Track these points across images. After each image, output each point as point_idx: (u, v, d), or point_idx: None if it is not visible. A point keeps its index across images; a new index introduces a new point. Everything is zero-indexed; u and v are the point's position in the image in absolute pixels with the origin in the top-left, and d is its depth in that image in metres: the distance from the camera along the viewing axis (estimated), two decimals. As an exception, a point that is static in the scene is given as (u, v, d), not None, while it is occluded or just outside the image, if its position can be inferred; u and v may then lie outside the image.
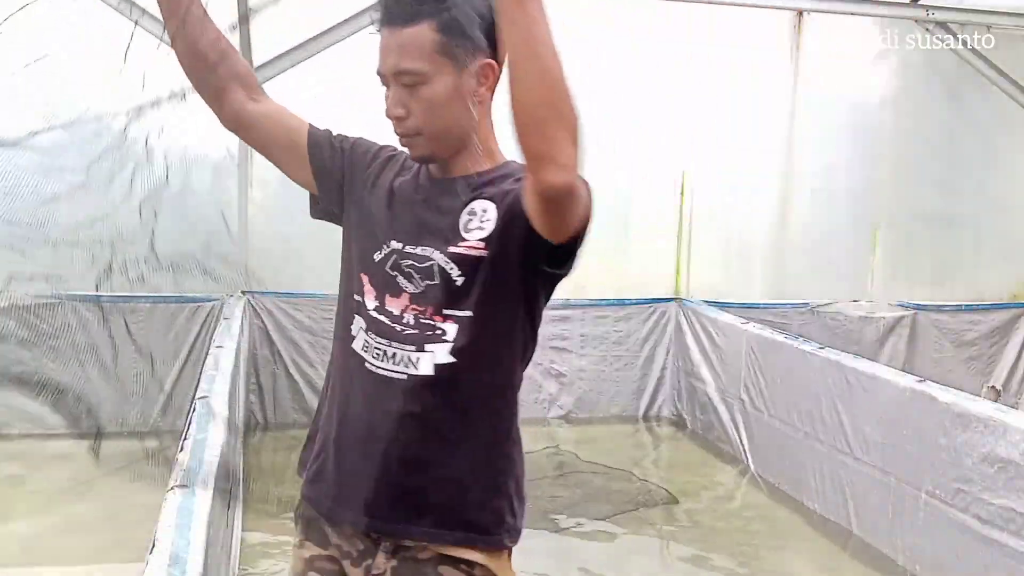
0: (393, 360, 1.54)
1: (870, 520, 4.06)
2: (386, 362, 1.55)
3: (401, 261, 1.56)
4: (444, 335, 1.52)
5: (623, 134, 6.06)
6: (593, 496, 4.80)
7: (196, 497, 1.97)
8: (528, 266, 1.50)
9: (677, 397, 6.12)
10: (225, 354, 3.58)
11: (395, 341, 1.54)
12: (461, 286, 1.51)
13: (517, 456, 1.63)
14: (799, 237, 6.45)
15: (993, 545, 3.34)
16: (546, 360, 6.00)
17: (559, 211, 1.37)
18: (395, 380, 1.54)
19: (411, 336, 1.53)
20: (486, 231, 1.51)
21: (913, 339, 6.50)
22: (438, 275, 1.52)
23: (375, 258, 1.59)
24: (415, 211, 1.59)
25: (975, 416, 3.46)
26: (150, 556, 1.66)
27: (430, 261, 1.53)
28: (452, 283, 1.52)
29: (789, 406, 4.74)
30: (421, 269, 1.54)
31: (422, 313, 1.54)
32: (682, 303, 6.12)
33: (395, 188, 1.62)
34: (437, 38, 1.48)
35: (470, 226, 1.53)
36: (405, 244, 1.56)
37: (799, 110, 6.34)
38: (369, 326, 1.57)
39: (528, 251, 1.48)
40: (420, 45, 1.48)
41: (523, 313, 1.58)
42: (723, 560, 4.10)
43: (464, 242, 1.52)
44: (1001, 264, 6.79)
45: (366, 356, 1.57)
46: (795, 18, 6.26)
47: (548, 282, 1.58)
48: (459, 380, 1.53)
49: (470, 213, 1.53)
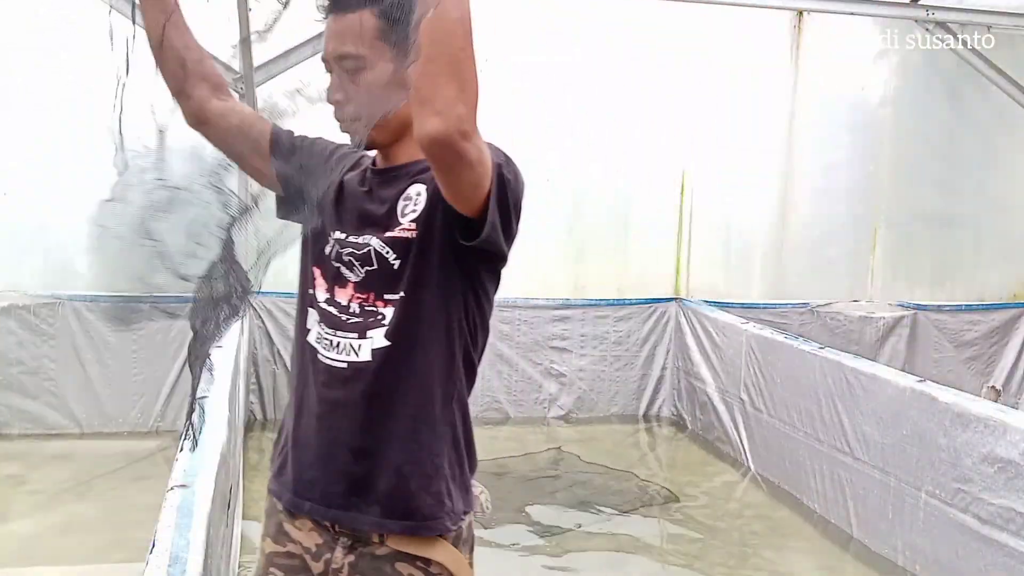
0: (338, 349, 1.57)
1: (870, 520, 4.07)
2: (332, 351, 1.58)
3: (342, 251, 1.59)
4: (383, 319, 1.54)
5: (623, 134, 6.07)
6: (594, 496, 4.80)
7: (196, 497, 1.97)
8: (451, 243, 1.50)
9: (677, 397, 6.12)
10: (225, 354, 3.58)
11: (340, 330, 1.57)
12: (398, 269, 1.53)
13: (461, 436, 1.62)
14: (799, 237, 6.45)
15: (993, 545, 3.34)
16: (546, 360, 6.00)
17: (445, 169, 1.35)
18: (339, 369, 1.56)
19: (355, 324, 1.56)
20: (417, 212, 1.53)
21: (913, 339, 6.50)
22: (376, 260, 1.55)
23: (324, 251, 1.62)
24: (359, 203, 1.62)
25: (975, 416, 3.46)
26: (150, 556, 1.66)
27: (368, 247, 1.56)
28: (390, 267, 1.53)
29: (789, 406, 4.74)
30: (360, 256, 1.56)
31: (366, 300, 1.56)
32: (682, 303, 6.12)
33: (343, 183, 1.66)
34: (377, 24, 1.50)
35: (406, 211, 1.55)
36: (348, 234, 1.59)
37: (799, 110, 6.34)
38: (321, 318, 1.61)
39: (448, 226, 1.49)
40: (360, 31, 1.50)
41: (459, 294, 1.56)
42: (723, 560, 4.10)
43: (399, 226, 1.54)
44: (1001, 264, 6.79)
45: (318, 348, 1.60)
46: (795, 18, 6.26)
47: (486, 266, 1.57)
48: (395, 364, 1.54)
49: (406, 198, 1.55)
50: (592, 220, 6.11)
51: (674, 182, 6.22)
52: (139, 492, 4.31)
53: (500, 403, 5.95)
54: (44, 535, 4.02)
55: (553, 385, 6.03)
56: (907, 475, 3.82)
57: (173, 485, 2.03)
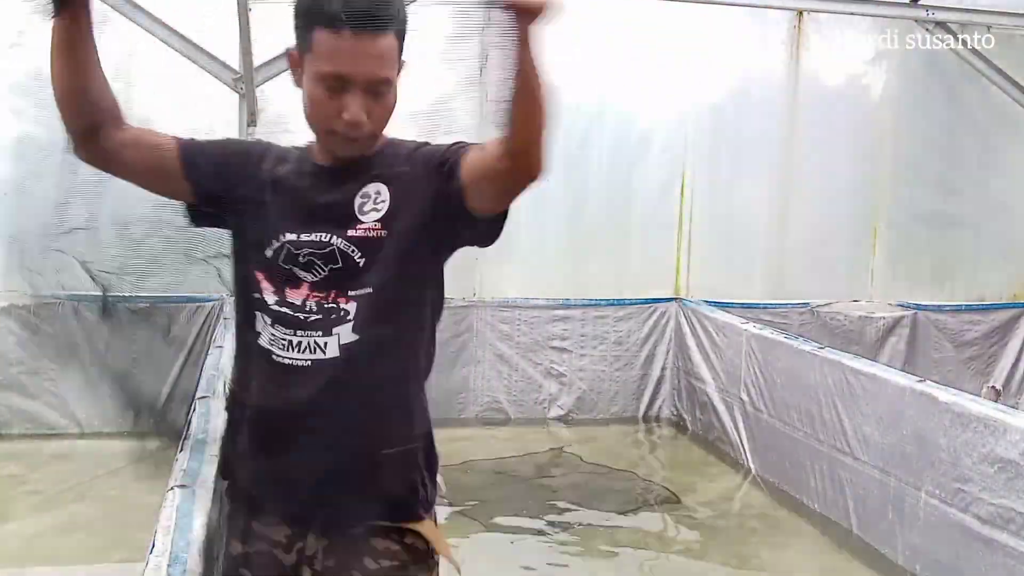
0: (299, 348, 1.56)
1: (870, 520, 4.06)
2: (291, 351, 1.56)
3: (297, 251, 1.57)
4: (348, 315, 1.55)
5: (623, 134, 6.06)
6: (595, 496, 4.80)
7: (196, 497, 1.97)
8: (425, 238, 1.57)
9: (677, 397, 6.12)
10: (225, 354, 3.58)
11: (300, 329, 1.56)
12: (362, 267, 1.55)
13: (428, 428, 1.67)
14: (799, 237, 6.44)
15: (993, 545, 3.34)
16: (546, 360, 6.00)
17: (514, 193, 1.49)
18: (302, 367, 1.56)
19: (317, 322, 1.55)
20: (381, 212, 1.55)
21: (913, 339, 6.50)
22: (340, 258, 1.55)
23: (267, 254, 1.59)
24: (303, 199, 1.60)
25: (975, 416, 3.46)
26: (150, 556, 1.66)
27: (330, 246, 1.55)
28: (355, 264, 1.55)
29: (789, 406, 4.74)
30: (323, 255, 1.55)
31: (324, 298, 1.56)
32: (682, 303, 6.12)
33: (277, 180, 1.62)
34: (397, 46, 1.53)
35: (365, 208, 1.56)
36: (299, 233, 1.57)
37: (799, 110, 6.34)
38: (275, 320, 1.58)
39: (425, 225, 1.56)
40: (392, 55, 1.52)
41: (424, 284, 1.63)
42: (723, 559, 4.10)
43: (361, 224, 1.55)
44: (1001, 264, 6.78)
45: (272, 349, 1.58)
46: (795, 18, 6.25)
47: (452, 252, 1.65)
48: (365, 357, 1.55)
49: (363, 196, 1.57)
50: (592, 220, 6.11)
51: (674, 182, 6.22)
52: (139, 492, 4.30)
53: (500, 403, 5.95)
54: (44, 535, 4.02)
55: (553, 385, 6.03)
56: (907, 475, 3.82)
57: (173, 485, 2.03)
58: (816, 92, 6.34)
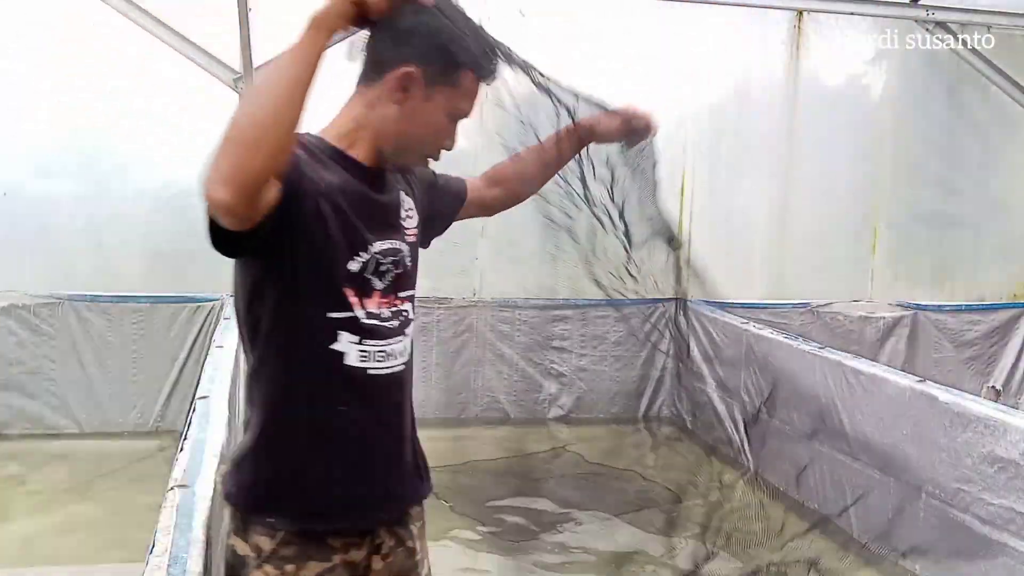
0: (392, 357, 1.62)
1: (870, 520, 4.06)
2: (387, 361, 1.61)
3: (383, 260, 1.59)
4: (408, 315, 1.67)
5: (623, 134, 6.06)
6: (595, 495, 4.80)
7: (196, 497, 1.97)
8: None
9: (677, 397, 6.11)
10: (225, 354, 3.58)
11: (388, 338, 1.61)
12: (411, 268, 1.67)
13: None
14: (799, 237, 6.45)
15: (993, 545, 3.34)
16: (546, 360, 6.00)
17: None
18: (396, 374, 1.63)
19: (396, 328, 1.63)
20: (414, 220, 1.70)
21: (913, 339, 6.50)
22: (402, 264, 1.64)
23: (351, 267, 1.54)
24: (374, 207, 1.60)
25: (975, 416, 3.46)
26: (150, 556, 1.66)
27: (400, 252, 1.63)
28: (409, 267, 1.66)
29: (789, 406, 4.73)
30: (396, 262, 1.62)
31: (390, 303, 1.61)
32: (682, 303, 6.11)
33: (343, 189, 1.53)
34: None
35: (402, 215, 1.67)
36: (381, 241, 1.60)
37: (799, 109, 6.34)
38: (363, 336, 1.56)
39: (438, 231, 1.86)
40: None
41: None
42: (723, 560, 4.10)
43: (407, 230, 1.67)
44: (1001, 264, 6.79)
45: (368, 365, 1.57)
46: (795, 18, 6.26)
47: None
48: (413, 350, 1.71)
49: (399, 203, 1.68)
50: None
51: (674, 182, 6.22)
52: (139, 492, 4.31)
53: (500, 403, 5.95)
54: (44, 535, 4.02)
55: (553, 385, 6.02)
56: (907, 475, 3.82)
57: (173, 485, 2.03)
58: (816, 92, 6.34)
